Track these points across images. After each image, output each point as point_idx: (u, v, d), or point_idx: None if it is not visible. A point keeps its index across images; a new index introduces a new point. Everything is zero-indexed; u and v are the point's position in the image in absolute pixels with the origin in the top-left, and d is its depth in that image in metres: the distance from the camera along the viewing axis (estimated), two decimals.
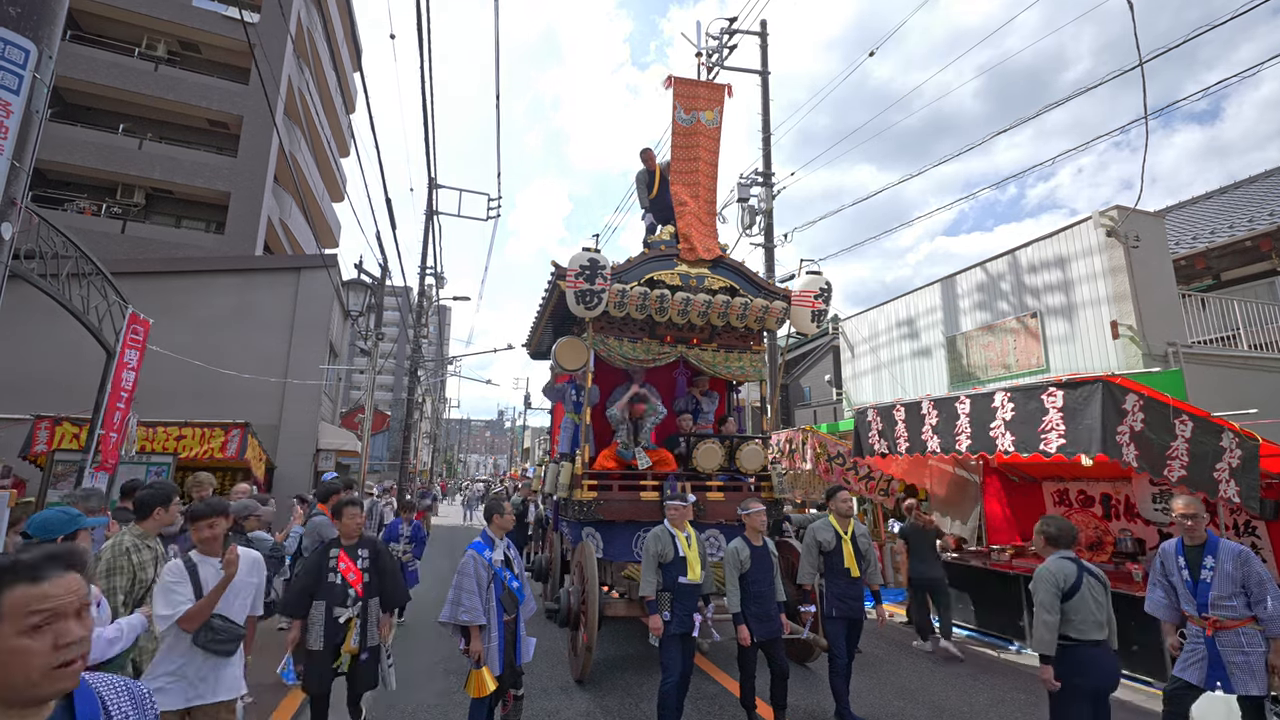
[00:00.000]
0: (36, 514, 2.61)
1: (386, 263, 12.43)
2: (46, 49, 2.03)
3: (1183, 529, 3.88)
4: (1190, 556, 3.85)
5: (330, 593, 3.69)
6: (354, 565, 3.79)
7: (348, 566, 3.76)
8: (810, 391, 17.55)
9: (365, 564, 3.84)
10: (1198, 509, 3.86)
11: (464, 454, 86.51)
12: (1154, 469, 4.80)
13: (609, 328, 6.43)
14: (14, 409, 9.97)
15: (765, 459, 6.44)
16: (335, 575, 3.72)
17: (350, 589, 3.73)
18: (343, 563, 3.76)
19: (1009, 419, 5.35)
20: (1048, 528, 3.52)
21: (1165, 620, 4.04)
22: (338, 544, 3.85)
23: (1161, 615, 4.05)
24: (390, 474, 26.79)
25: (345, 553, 3.80)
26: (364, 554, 3.87)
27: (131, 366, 5.97)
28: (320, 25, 22.02)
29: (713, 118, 7.03)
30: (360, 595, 3.74)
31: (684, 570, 4.27)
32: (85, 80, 17.59)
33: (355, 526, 3.87)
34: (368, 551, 3.89)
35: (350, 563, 3.78)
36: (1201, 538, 3.82)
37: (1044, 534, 3.53)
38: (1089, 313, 8.78)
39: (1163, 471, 4.83)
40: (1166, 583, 3.98)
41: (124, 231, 17.34)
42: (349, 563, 3.78)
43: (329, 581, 3.71)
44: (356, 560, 3.81)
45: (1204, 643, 3.71)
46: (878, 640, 6.83)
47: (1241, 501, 4.87)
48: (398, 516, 8.20)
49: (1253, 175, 14.03)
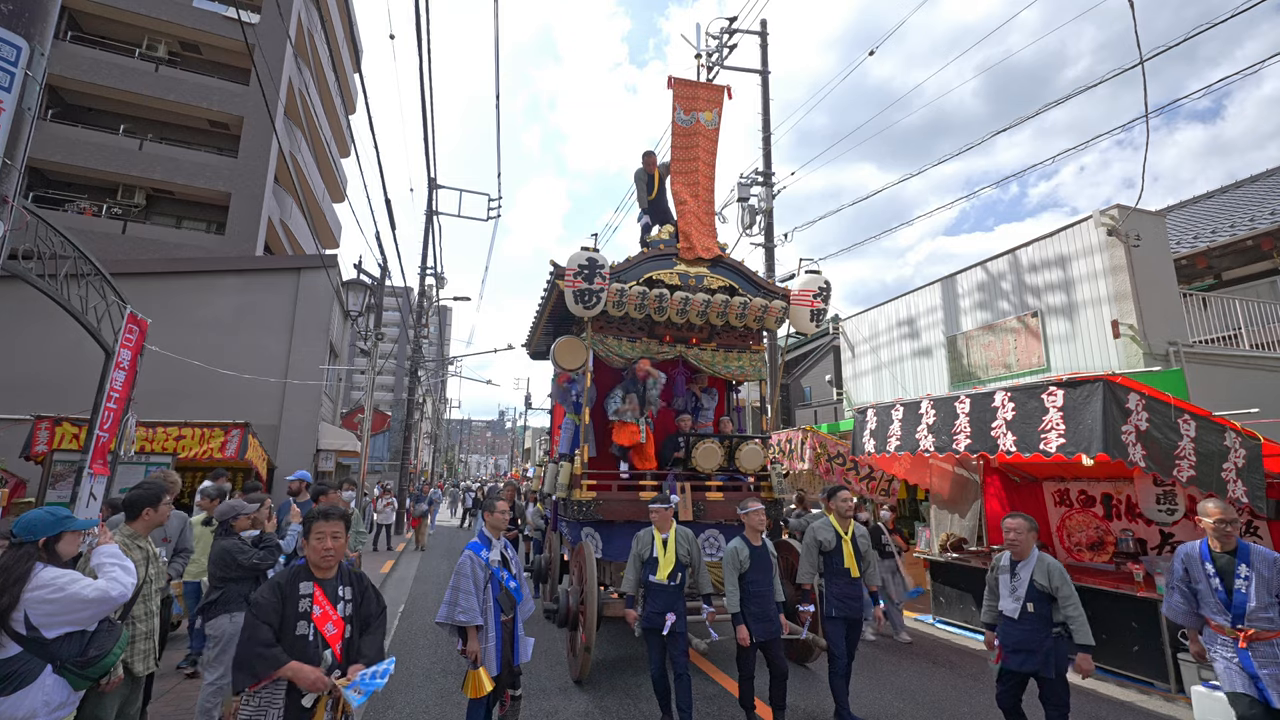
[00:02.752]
0: (23, 514, 2.60)
1: (386, 263, 12.44)
2: (38, 46, 2.02)
3: (1219, 534, 3.66)
4: (1220, 563, 3.63)
5: (296, 650, 2.47)
6: (332, 610, 2.60)
7: (324, 613, 2.57)
8: (811, 391, 17.53)
9: (348, 609, 2.65)
10: (1233, 513, 3.70)
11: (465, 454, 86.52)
12: (1163, 469, 4.78)
13: (608, 327, 6.42)
14: (14, 409, 9.98)
15: (765, 459, 6.42)
16: (306, 624, 2.51)
17: (327, 648, 2.54)
18: (318, 605, 2.57)
19: (1010, 419, 5.34)
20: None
21: (1189, 627, 3.86)
22: (309, 575, 2.64)
23: (1182, 621, 3.87)
24: (391, 474, 26.80)
25: (322, 590, 2.61)
26: (346, 593, 2.68)
27: (125, 367, 5.95)
28: (320, 26, 22.04)
29: (712, 118, 7.03)
30: (339, 659, 2.56)
31: (654, 570, 4.41)
32: (86, 81, 17.63)
33: (329, 553, 2.65)
34: (351, 590, 2.70)
35: (328, 606, 2.59)
36: (1234, 544, 3.64)
37: None
38: (1090, 312, 8.75)
39: (1172, 472, 4.81)
40: (1188, 589, 3.76)
41: (125, 232, 17.37)
42: (326, 606, 2.59)
43: (298, 634, 2.49)
44: (337, 603, 2.63)
45: (1237, 655, 3.49)
46: (878, 641, 6.81)
47: (1249, 502, 4.86)
48: None
49: (1254, 174, 13.99)
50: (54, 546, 2.53)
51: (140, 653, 3.01)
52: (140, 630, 3.03)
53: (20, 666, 2.31)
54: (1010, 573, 3.94)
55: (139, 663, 3.00)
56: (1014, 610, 3.84)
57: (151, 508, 3.22)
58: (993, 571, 4.09)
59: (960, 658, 6.35)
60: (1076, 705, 4.95)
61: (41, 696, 2.34)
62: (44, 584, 2.39)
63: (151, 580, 3.15)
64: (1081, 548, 7.30)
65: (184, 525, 5.06)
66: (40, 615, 2.37)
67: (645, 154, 7.49)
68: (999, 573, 4.02)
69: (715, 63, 12.47)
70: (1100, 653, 5.77)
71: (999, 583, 4.01)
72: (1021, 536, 3.90)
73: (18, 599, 2.34)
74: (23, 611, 2.35)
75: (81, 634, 2.52)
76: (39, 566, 2.43)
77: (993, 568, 4.10)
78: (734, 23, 12.54)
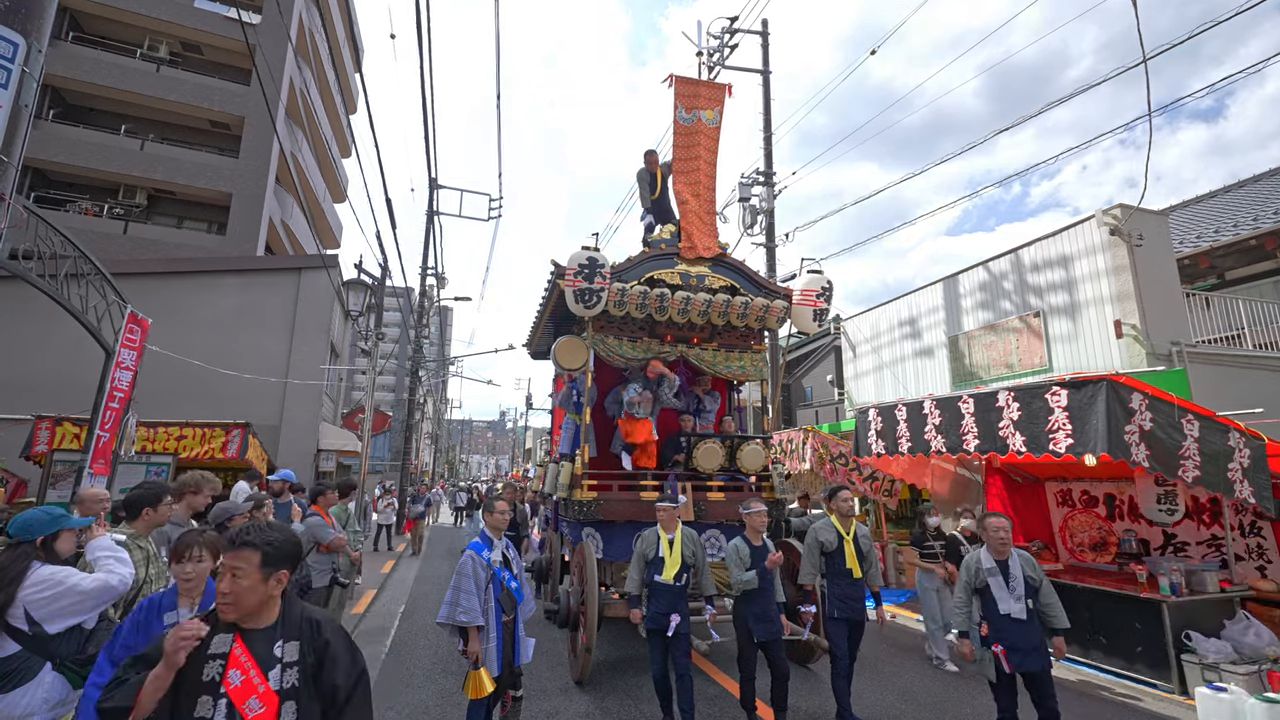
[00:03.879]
0: (20, 514, 2.60)
1: (387, 263, 12.43)
2: (35, 43, 2.01)
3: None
4: None
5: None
6: (260, 678, 1.66)
7: (246, 682, 1.64)
8: (812, 391, 17.51)
9: (289, 678, 1.69)
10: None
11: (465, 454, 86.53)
12: (1167, 469, 4.75)
13: (609, 327, 6.40)
14: (15, 409, 9.97)
15: (766, 459, 6.40)
16: (212, 703, 1.59)
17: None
18: (236, 671, 1.64)
19: (1016, 419, 5.31)
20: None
21: None
22: (228, 624, 1.70)
23: None
24: (392, 475, 26.80)
25: (246, 646, 1.68)
26: (288, 652, 1.72)
27: (127, 366, 5.95)
28: (321, 26, 22.05)
29: (713, 117, 7.00)
30: None
31: (659, 570, 4.37)
32: (87, 81, 17.64)
33: (225, 600, 1.69)
34: (297, 649, 1.74)
35: (254, 671, 1.66)
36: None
37: None
38: (1092, 312, 8.72)
39: (1177, 472, 4.78)
40: None
41: (126, 232, 17.38)
42: (251, 672, 1.65)
43: (196, 718, 1.58)
44: (269, 668, 1.68)
45: None
46: (879, 642, 6.79)
47: (1256, 502, 4.83)
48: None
49: (1257, 173, 13.94)
50: (52, 545, 2.55)
51: None
52: None
53: (20, 664, 2.33)
54: (1003, 573, 3.82)
55: None
56: (1020, 611, 3.73)
57: (151, 507, 3.21)
58: (975, 575, 3.90)
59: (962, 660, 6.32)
60: (1081, 707, 4.94)
61: (41, 694, 2.36)
62: (41, 580, 2.40)
63: (152, 580, 3.13)
64: (1084, 548, 7.28)
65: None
66: (41, 609, 2.39)
67: (647, 153, 7.47)
68: (986, 575, 3.85)
69: (716, 62, 12.45)
70: (1103, 653, 5.76)
71: (990, 586, 3.83)
72: (1009, 535, 3.89)
73: (13, 597, 2.35)
74: (21, 608, 2.36)
75: (80, 631, 2.53)
76: (36, 565, 2.45)
77: (973, 571, 3.91)
78: (735, 22, 12.52)
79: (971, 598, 3.92)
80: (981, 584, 3.88)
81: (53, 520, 2.57)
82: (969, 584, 3.93)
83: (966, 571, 3.96)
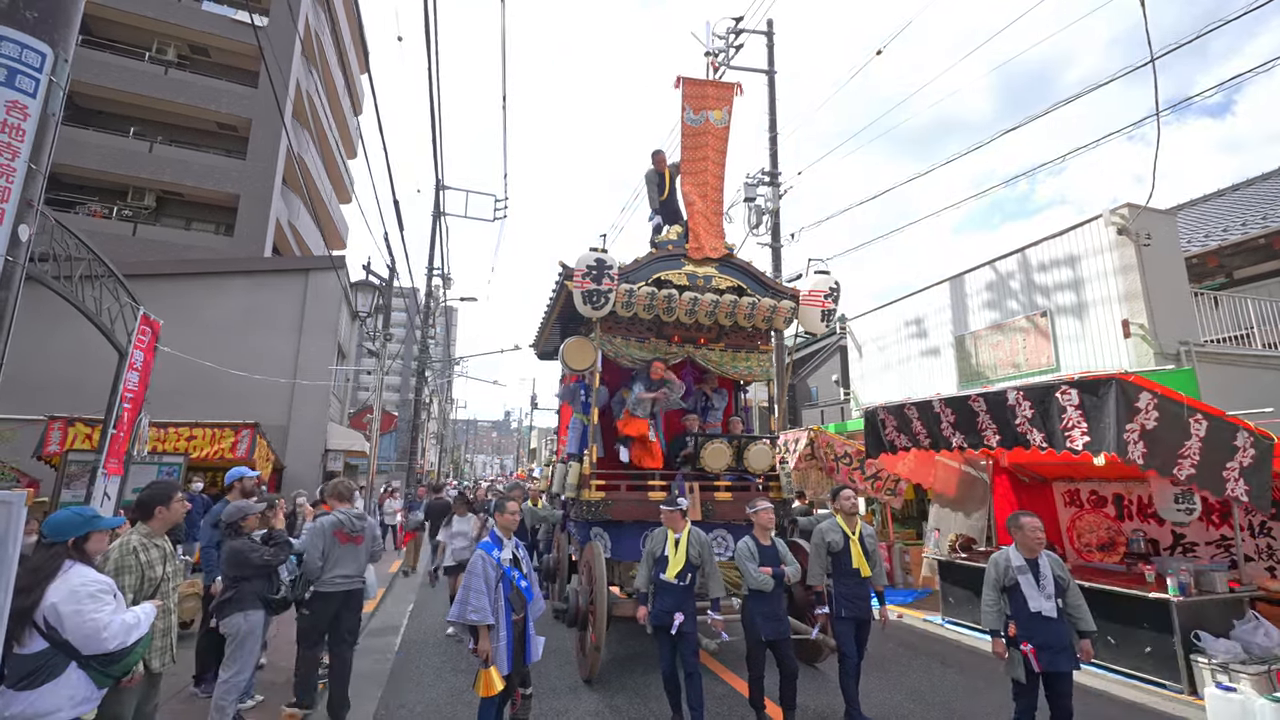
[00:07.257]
0: (52, 514, 2.66)
1: (394, 264, 12.50)
2: (62, 52, 2.05)
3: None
4: None
5: None
6: None
7: None
8: (818, 391, 17.50)
9: None
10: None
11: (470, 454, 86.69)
12: (1162, 467, 4.74)
13: (616, 328, 6.43)
14: (28, 410, 10.07)
15: (773, 458, 6.41)
16: None
17: None
18: None
19: (1030, 416, 5.27)
20: None
21: None
22: None
23: None
24: (398, 474, 26.90)
25: None
26: None
27: (139, 367, 6.01)
28: (328, 28, 22.16)
29: (721, 117, 6.98)
30: None
31: (664, 568, 4.41)
32: (96, 84, 17.77)
33: None
34: None
35: None
36: None
37: None
38: (1100, 311, 8.70)
39: (1172, 470, 4.76)
40: None
41: (135, 234, 17.51)
42: None
43: None
44: None
45: None
46: (887, 641, 6.79)
47: (1250, 501, 4.81)
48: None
49: (1266, 172, 13.86)
50: (83, 545, 2.62)
51: (157, 649, 3.05)
52: (158, 627, 3.07)
53: (46, 661, 2.39)
54: (1033, 571, 3.79)
55: (155, 659, 3.04)
56: (1050, 609, 3.70)
57: (163, 506, 3.26)
58: (1004, 573, 3.88)
59: (970, 658, 6.33)
60: (1090, 708, 4.94)
61: (67, 691, 2.41)
62: (67, 594, 2.43)
63: (169, 578, 3.18)
64: (1092, 548, 7.26)
65: None
66: (66, 632, 2.44)
67: (655, 153, 7.47)
68: (1016, 574, 3.83)
69: (723, 63, 12.45)
70: (1112, 654, 5.74)
71: (1020, 584, 3.81)
72: (1043, 534, 3.89)
73: (44, 595, 2.40)
74: (54, 611, 2.41)
75: None
76: (68, 564, 2.51)
77: (1003, 569, 3.89)
78: (740, 22, 12.53)
79: (1000, 596, 3.89)
80: (1011, 582, 3.84)
81: (85, 521, 2.63)
82: (998, 582, 3.89)
83: (995, 569, 3.92)
